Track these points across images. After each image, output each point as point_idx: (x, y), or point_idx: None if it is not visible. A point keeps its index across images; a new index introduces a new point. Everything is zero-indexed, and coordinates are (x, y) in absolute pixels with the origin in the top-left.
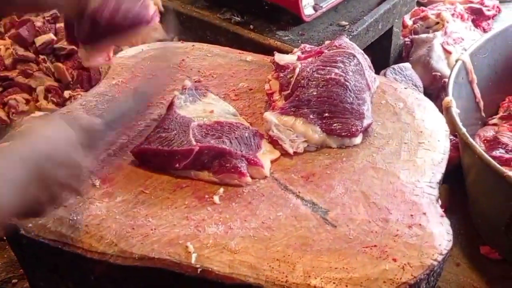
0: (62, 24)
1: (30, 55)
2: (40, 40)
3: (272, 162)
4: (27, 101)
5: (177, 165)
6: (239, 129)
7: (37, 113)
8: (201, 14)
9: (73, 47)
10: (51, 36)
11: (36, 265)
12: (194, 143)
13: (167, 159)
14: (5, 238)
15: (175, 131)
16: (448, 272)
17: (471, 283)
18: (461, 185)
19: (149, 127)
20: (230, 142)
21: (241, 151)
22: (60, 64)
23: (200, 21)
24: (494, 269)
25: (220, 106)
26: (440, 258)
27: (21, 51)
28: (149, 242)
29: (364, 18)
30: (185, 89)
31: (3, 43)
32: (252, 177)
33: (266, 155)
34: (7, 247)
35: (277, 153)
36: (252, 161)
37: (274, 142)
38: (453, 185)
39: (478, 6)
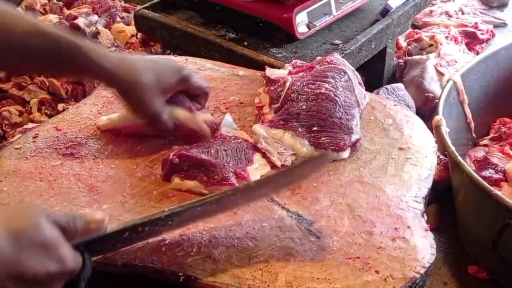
0: None
1: None
2: None
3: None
4: (21, 113)
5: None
6: (227, 141)
7: (30, 125)
8: (196, 30)
9: None
10: None
11: None
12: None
13: None
14: None
15: None
16: None
17: None
18: (451, 205)
19: None
20: (217, 153)
21: (228, 163)
22: (54, 80)
23: (195, 37)
24: None
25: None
26: (422, 271)
27: None
28: (133, 250)
29: (357, 37)
30: None
31: None
32: None
33: (257, 170)
34: None
35: (268, 167)
36: (240, 175)
37: (262, 155)
38: (443, 205)
39: (472, 29)
